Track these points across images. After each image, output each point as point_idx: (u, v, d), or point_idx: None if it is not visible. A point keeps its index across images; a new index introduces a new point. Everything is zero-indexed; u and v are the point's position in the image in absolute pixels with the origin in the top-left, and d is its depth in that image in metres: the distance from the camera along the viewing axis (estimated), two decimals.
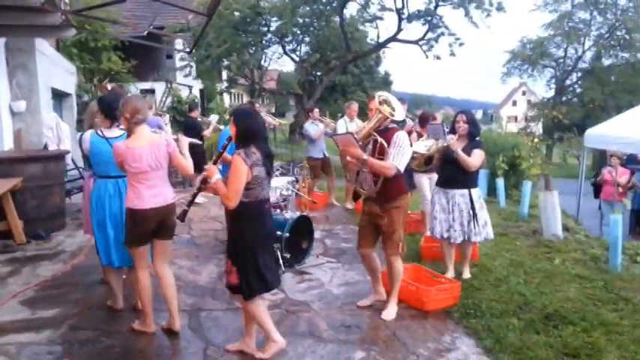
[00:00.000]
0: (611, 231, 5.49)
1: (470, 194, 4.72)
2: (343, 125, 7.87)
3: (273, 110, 24.26)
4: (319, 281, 5.00)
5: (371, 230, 4.18)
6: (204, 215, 7.79)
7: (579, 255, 5.82)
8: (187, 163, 3.75)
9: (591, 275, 5.09)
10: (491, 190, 9.64)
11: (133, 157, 3.51)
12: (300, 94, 23.06)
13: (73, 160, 8.13)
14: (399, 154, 3.88)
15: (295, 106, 26.57)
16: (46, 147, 8.14)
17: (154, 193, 3.60)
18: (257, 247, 3.28)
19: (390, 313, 4.16)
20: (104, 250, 3.99)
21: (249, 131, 3.24)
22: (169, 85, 20.21)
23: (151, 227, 3.63)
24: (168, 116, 8.60)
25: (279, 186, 5.94)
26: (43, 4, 6.24)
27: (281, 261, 5.23)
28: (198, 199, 7.37)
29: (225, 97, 29.03)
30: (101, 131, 4.02)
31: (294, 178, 6.28)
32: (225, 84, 24.45)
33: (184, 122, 9.48)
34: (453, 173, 4.72)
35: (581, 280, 4.93)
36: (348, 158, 4.04)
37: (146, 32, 18.04)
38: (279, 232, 5.25)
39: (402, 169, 3.92)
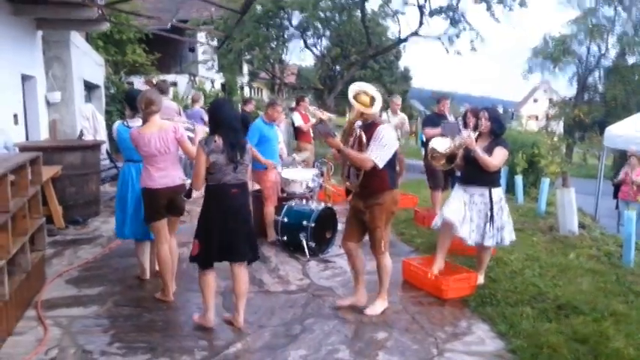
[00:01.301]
0: (625, 227, 5.66)
1: (490, 194, 4.54)
2: (385, 119, 7.94)
3: (292, 105, 24.53)
4: (342, 269, 5.25)
5: (355, 224, 4.19)
6: None
7: (594, 251, 6.00)
8: (194, 150, 4.11)
9: (604, 270, 5.28)
10: (510, 187, 9.80)
11: (144, 142, 4.04)
12: (321, 89, 23.28)
13: (107, 151, 8.50)
14: (378, 148, 3.85)
15: (315, 101, 26.79)
16: (81, 137, 8.51)
17: (163, 175, 4.13)
18: (212, 227, 3.66)
19: (377, 308, 4.17)
20: (119, 224, 4.65)
21: (216, 121, 3.68)
22: (192, 78, 20.61)
23: (162, 204, 4.16)
24: None
25: (305, 178, 6.23)
26: (85, 0, 6.60)
27: (306, 249, 5.54)
28: None
29: (246, 90, 29.40)
30: (127, 121, 4.62)
31: (319, 171, 6.53)
32: (247, 78, 24.79)
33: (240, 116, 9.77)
34: (473, 171, 4.58)
35: (594, 274, 5.12)
36: (333, 150, 4.09)
37: (170, 25, 18.39)
38: (305, 222, 5.56)
39: (381, 164, 3.87)
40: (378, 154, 3.87)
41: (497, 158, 4.50)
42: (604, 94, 29.54)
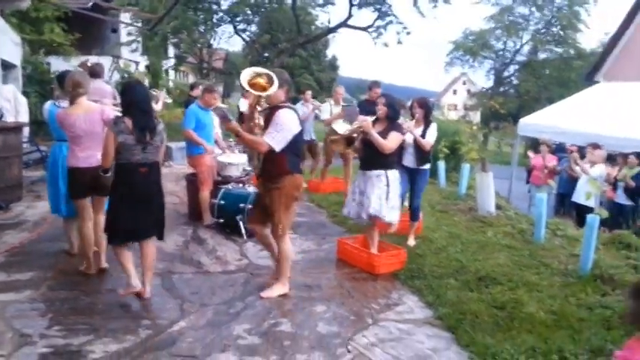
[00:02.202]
0: (536, 208, 6.23)
1: (387, 175, 4.76)
2: (328, 109, 7.92)
3: (221, 89, 24.17)
4: None
5: (259, 207, 4.24)
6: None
7: (509, 229, 6.54)
8: None
9: (518, 246, 5.81)
10: (433, 172, 10.32)
11: (69, 123, 4.16)
12: None
13: (30, 134, 8.09)
14: (274, 132, 3.84)
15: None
16: (1, 118, 8.03)
17: (87, 155, 4.23)
18: (118, 204, 3.82)
19: (273, 292, 4.17)
20: (53, 201, 4.75)
21: (126, 102, 3.82)
22: (116, 61, 19.75)
23: (86, 183, 4.23)
24: (163, 93, 8.24)
25: (240, 162, 6.31)
26: None
27: (243, 230, 5.64)
28: None
29: (172, 74, 28.55)
30: (58, 101, 4.65)
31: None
32: (173, 61, 24.09)
33: (186, 101, 9.45)
34: (370, 155, 4.77)
35: (509, 250, 5.62)
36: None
37: (91, 4, 17.50)
38: (242, 204, 5.65)
39: (278, 148, 3.85)
40: (274, 137, 3.85)
41: (392, 141, 4.71)
42: (518, 87, 31.51)
